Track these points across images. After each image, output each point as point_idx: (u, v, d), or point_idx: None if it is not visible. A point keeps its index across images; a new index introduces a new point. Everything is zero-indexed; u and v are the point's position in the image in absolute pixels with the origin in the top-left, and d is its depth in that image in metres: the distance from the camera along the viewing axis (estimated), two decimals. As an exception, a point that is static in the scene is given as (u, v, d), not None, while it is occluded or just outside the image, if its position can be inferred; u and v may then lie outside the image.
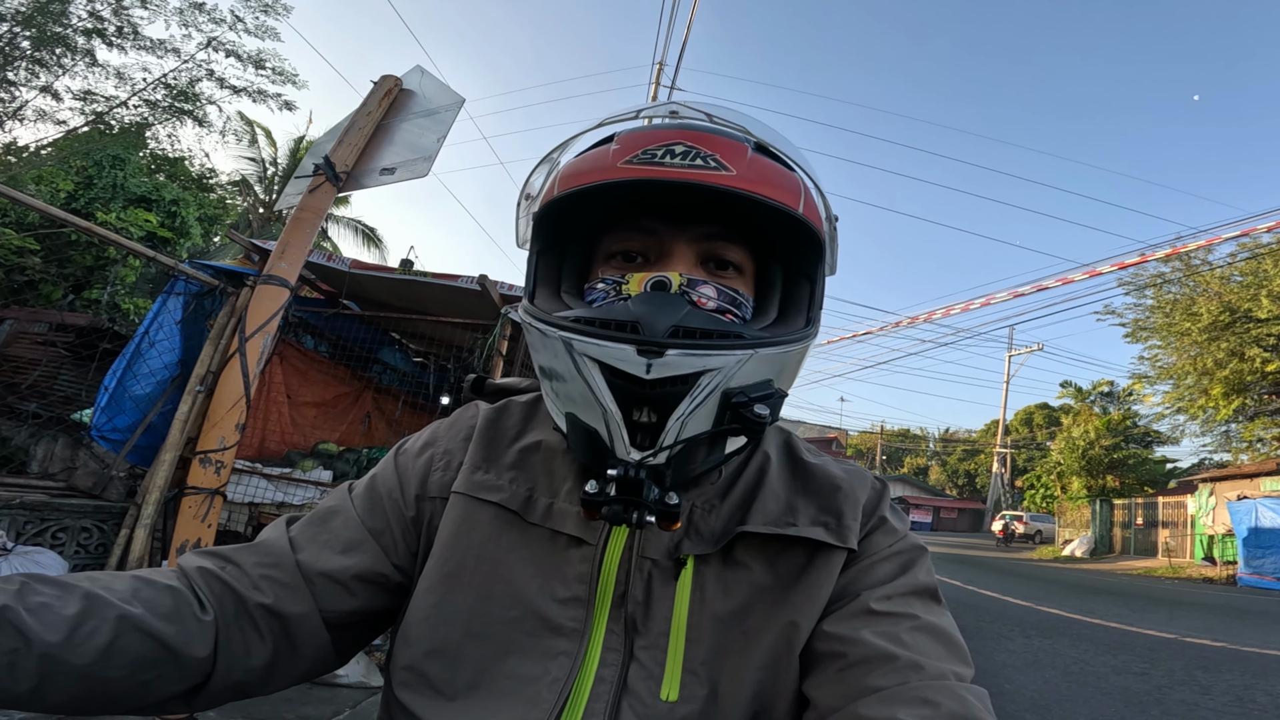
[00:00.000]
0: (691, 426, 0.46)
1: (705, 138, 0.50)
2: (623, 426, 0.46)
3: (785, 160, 0.54)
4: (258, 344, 2.14)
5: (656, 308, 0.46)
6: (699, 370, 0.45)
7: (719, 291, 0.52)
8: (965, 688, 0.43)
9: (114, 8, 8.97)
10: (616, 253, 0.55)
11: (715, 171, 0.48)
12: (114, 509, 2.99)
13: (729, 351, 0.46)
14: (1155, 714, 3.44)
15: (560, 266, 0.57)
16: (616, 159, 0.50)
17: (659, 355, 0.44)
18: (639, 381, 0.45)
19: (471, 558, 0.52)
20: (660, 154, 0.49)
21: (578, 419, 0.48)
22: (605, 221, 0.55)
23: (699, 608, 0.49)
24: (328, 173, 2.36)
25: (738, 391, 0.46)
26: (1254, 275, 14.53)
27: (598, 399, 0.46)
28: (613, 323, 0.46)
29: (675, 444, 0.46)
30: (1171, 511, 17.05)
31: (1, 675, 0.38)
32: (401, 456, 0.61)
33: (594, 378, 0.46)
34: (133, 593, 0.46)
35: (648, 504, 0.45)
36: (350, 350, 4.35)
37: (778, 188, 0.50)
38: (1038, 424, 40.46)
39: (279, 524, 0.57)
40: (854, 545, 0.52)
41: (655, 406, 0.46)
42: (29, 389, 4.12)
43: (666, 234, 0.53)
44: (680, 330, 0.45)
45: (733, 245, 0.54)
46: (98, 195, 6.84)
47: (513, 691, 0.47)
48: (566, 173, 0.53)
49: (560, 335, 0.47)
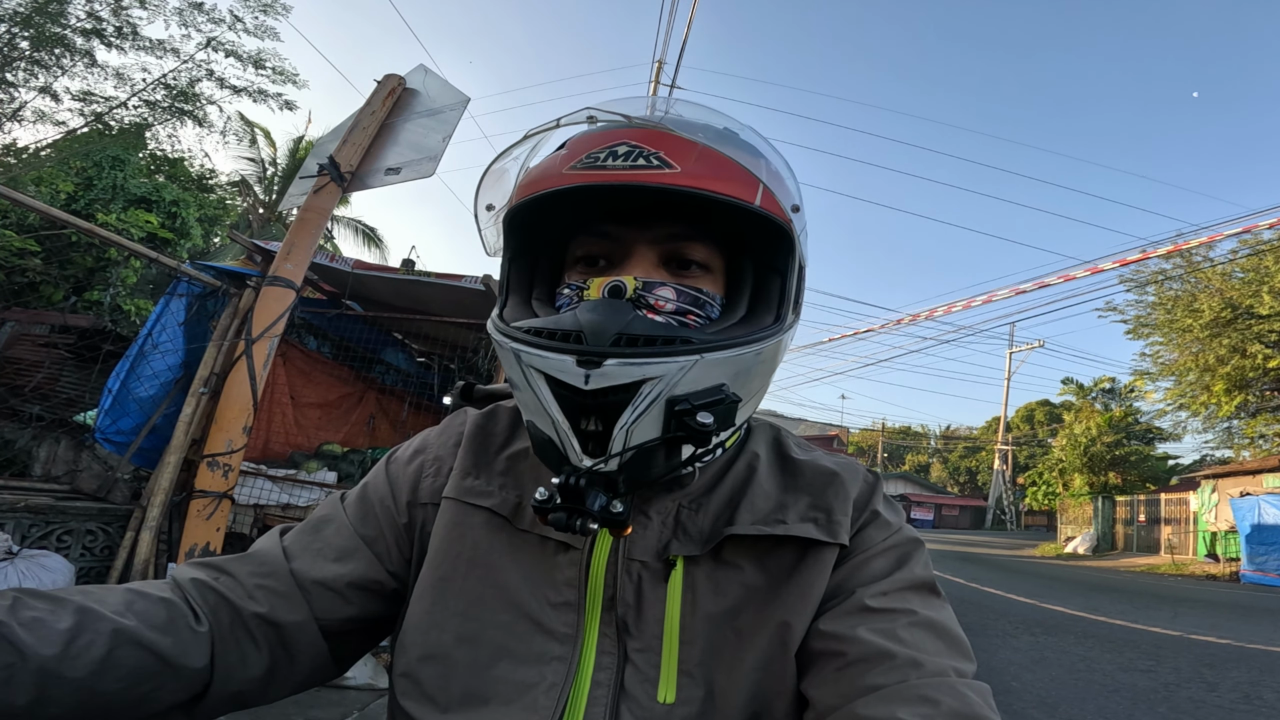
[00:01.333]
0: (638, 434, 0.45)
1: (651, 135, 0.49)
2: (572, 435, 0.46)
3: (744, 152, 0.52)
4: (264, 346, 2.12)
5: (602, 316, 0.46)
6: (639, 379, 0.44)
7: (678, 293, 0.51)
8: (966, 684, 0.42)
9: (113, 8, 8.95)
10: (581, 257, 0.55)
11: (657, 170, 0.47)
12: (119, 512, 2.98)
13: (670, 359, 0.45)
14: (1163, 711, 3.43)
15: (533, 273, 0.58)
16: (563, 164, 0.50)
17: (597, 365, 0.44)
18: (580, 392, 0.44)
19: (463, 563, 0.52)
20: (603, 156, 0.49)
21: (535, 427, 0.49)
22: (572, 225, 0.55)
23: (691, 609, 0.49)
24: (332, 173, 2.34)
25: (681, 399, 0.45)
26: (1255, 272, 14.52)
27: (545, 409, 0.46)
28: (558, 333, 0.46)
29: (624, 451, 0.45)
30: (1174, 508, 17.04)
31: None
32: (392, 464, 0.61)
33: (540, 388, 0.46)
34: (126, 605, 0.46)
35: (590, 511, 0.44)
36: (353, 351, 4.34)
37: (728, 181, 0.49)
38: (1039, 421, 40.48)
39: (272, 534, 0.58)
40: (845, 541, 0.51)
41: (600, 415, 0.46)
42: (32, 391, 4.11)
43: (627, 237, 0.52)
44: (623, 338, 0.45)
45: (697, 244, 0.53)
46: (98, 196, 6.83)
47: (510, 698, 0.47)
48: (523, 181, 0.53)
49: (511, 346, 0.48)
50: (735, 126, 0.56)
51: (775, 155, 0.56)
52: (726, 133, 0.54)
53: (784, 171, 0.55)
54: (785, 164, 0.57)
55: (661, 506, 0.53)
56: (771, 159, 0.55)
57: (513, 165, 0.57)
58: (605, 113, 0.52)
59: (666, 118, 0.53)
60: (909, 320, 19.36)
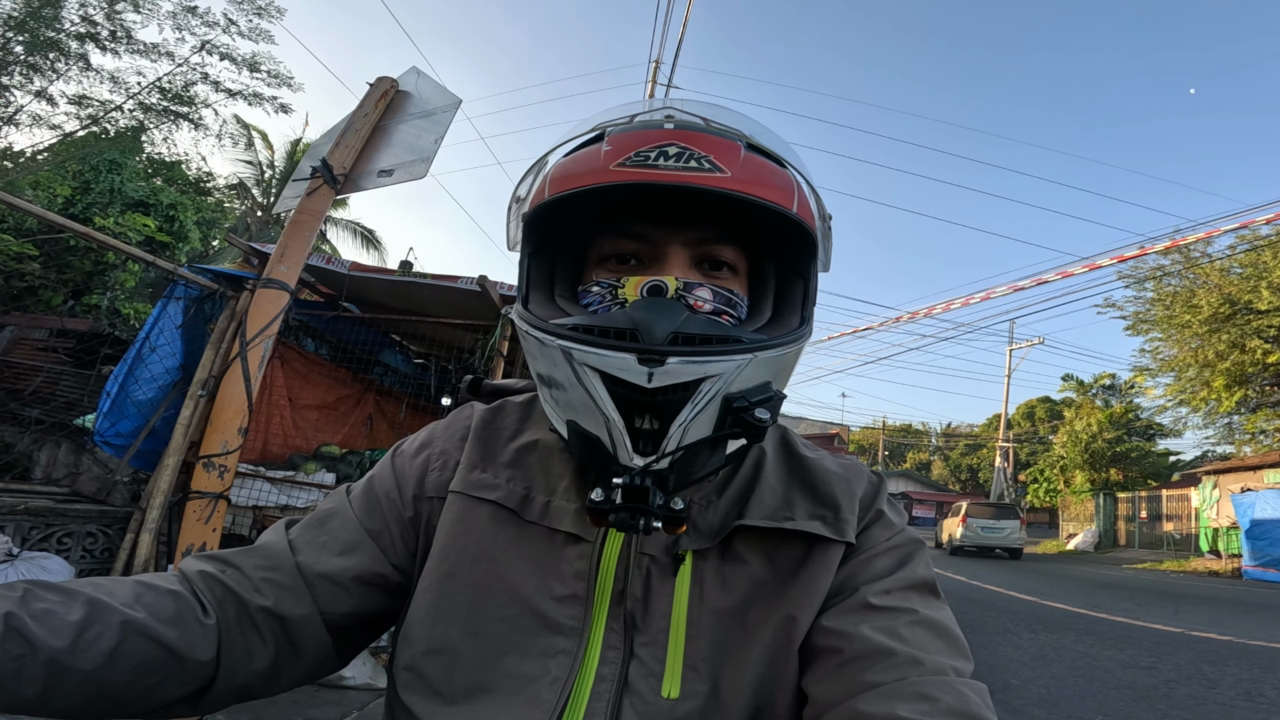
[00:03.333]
0: (694, 432, 0.46)
1: (698, 138, 0.49)
2: (625, 434, 0.46)
3: (779, 159, 0.53)
4: (259, 348, 2.13)
5: (655, 314, 0.46)
6: (700, 377, 0.45)
7: (714, 294, 0.52)
8: (964, 683, 0.43)
9: (106, 12, 8.96)
10: (610, 255, 0.54)
11: (710, 173, 0.48)
12: (119, 514, 2.99)
13: (729, 357, 0.45)
14: (1164, 708, 3.43)
15: (553, 269, 0.57)
16: (609, 161, 0.49)
17: (660, 364, 0.44)
18: (641, 390, 0.44)
19: (469, 556, 0.52)
20: (654, 156, 0.48)
21: (579, 426, 0.48)
22: (597, 223, 0.54)
23: (698, 603, 0.49)
24: (325, 175, 2.35)
25: (738, 396, 0.46)
26: (1253, 267, 14.49)
27: (600, 408, 0.46)
28: (612, 330, 0.46)
29: (678, 449, 0.46)
30: (1175, 505, 17.02)
31: (9, 681, 0.39)
32: (398, 458, 0.61)
33: (595, 387, 0.45)
34: (135, 598, 0.46)
35: (654, 510, 0.44)
36: (351, 353, 4.34)
37: (772, 188, 0.49)
38: (1040, 418, 40.43)
39: (278, 527, 0.58)
40: (852, 539, 0.52)
41: (657, 413, 0.46)
42: (31, 395, 4.12)
43: (660, 236, 0.52)
44: (680, 337, 0.45)
45: (726, 245, 0.53)
46: (95, 200, 6.85)
47: (513, 691, 0.47)
48: (557, 174, 0.52)
49: (559, 344, 0.47)
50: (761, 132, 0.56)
51: (800, 163, 0.56)
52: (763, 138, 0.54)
53: (810, 179, 0.56)
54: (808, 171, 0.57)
55: None
56: (799, 167, 0.55)
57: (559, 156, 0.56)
58: (681, 113, 0.53)
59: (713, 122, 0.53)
60: (908, 318, 19.35)
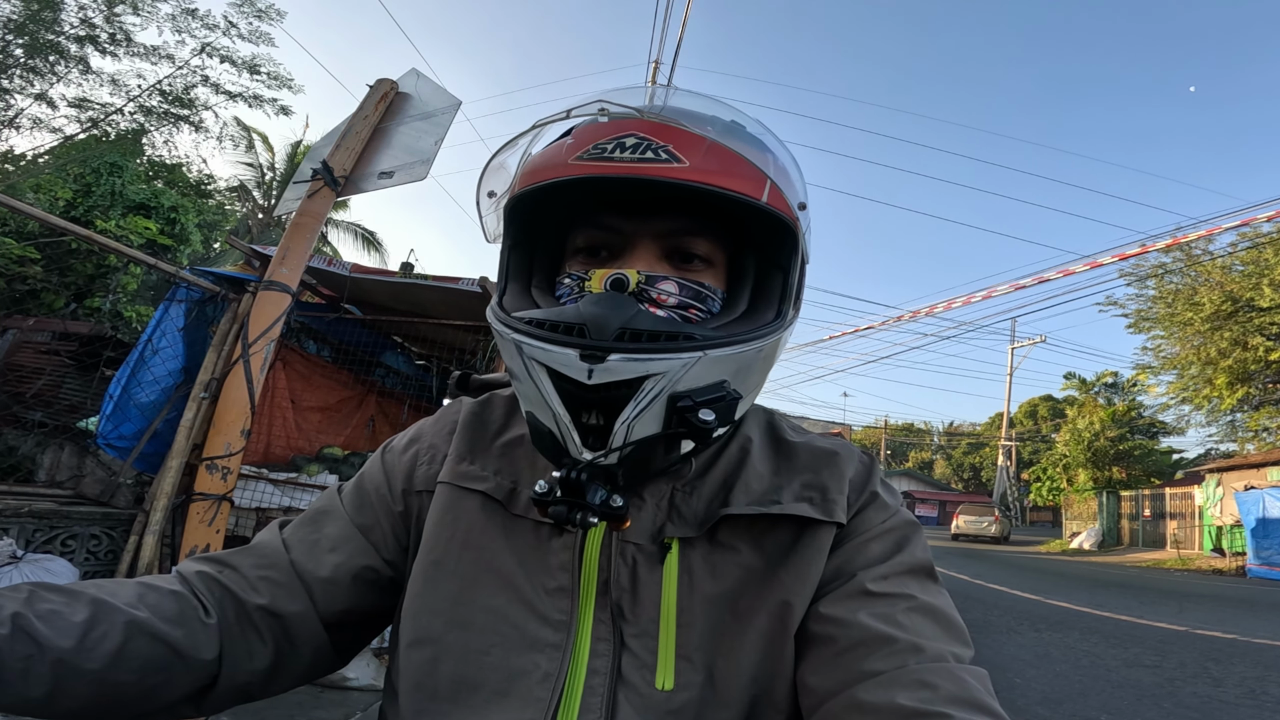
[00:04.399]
0: (639, 429, 0.45)
1: (660, 128, 0.48)
2: (573, 428, 0.45)
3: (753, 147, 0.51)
4: (261, 350, 2.13)
5: (605, 309, 0.45)
6: (642, 375, 0.44)
7: (681, 286, 0.51)
8: (964, 669, 0.42)
9: (105, 15, 8.97)
10: (582, 248, 0.54)
11: (666, 164, 0.47)
12: (122, 516, 2.99)
13: (674, 355, 0.44)
14: (1168, 707, 3.42)
15: (532, 261, 0.57)
16: (569, 154, 0.49)
17: (600, 360, 0.43)
18: (582, 385, 0.44)
19: (456, 545, 0.52)
20: (610, 148, 0.48)
21: (535, 418, 0.49)
22: (573, 215, 0.54)
23: (688, 591, 0.49)
24: (325, 177, 2.35)
25: (683, 395, 0.45)
26: (1255, 264, 14.44)
27: (547, 402, 0.46)
28: (561, 325, 0.45)
29: (624, 446, 0.45)
30: (1179, 503, 16.96)
31: (16, 681, 0.39)
32: (388, 454, 0.61)
33: (542, 381, 0.46)
34: (138, 598, 0.47)
35: (590, 505, 0.44)
36: (353, 354, 4.35)
37: (736, 177, 0.48)
38: (1042, 416, 40.37)
39: (272, 526, 0.58)
40: (842, 519, 0.51)
41: (602, 409, 0.45)
42: (34, 398, 4.13)
43: (629, 229, 0.52)
44: (627, 333, 0.45)
45: (699, 237, 0.52)
46: (96, 203, 6.85)
47: (504, 689, 0.47)
48: (526, 169, 0.52)
49: (512, 337, 0.47)
50: (742, 119, 0.55)
51: (783, 150, 0.55)
52: (734, 126, 0.53)
53: (790, 167, 0.54)
54: (792, 159, 0.56)
55: (655, 489, 0.52)
56: (779, 154, 0.54)
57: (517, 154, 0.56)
58: (617, 105, 0.51)
59: (675, 110, 0.52)
60: (909, 317, 19.34)
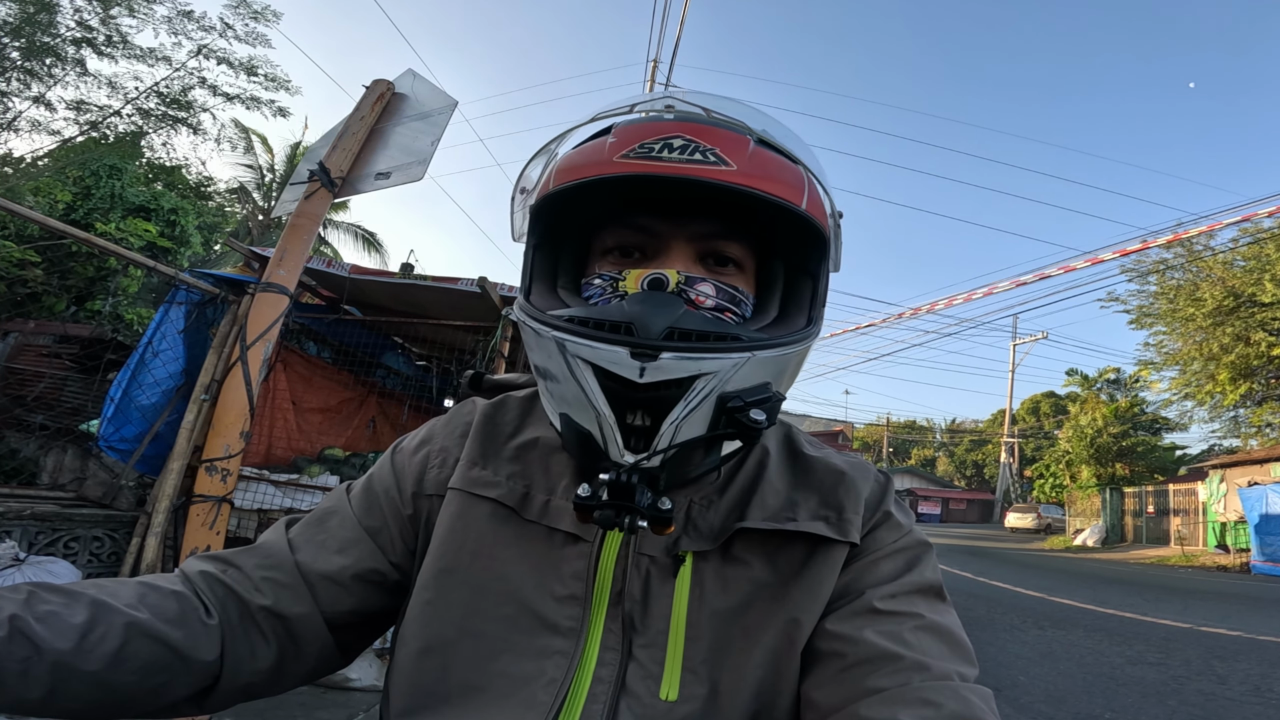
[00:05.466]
0: (686, 430, 0.45)
1: (705, 130, 0.48)
2: (616, 429, 0.45)
3: (788, 154, 0.52)
4: (259, 351, 2.13)
5: (652, 308, 0.45)
6: (694, 374, 0.44)
7: (718, 289, 0.51)
8: (969, 688, 0.42)
9: (101, 17, 8.97)
10: (613, 248, 0.53)
11: (715, 166, 0.46)
12: (124, 518, 3.00)
13: (725, 355, 0.44)
14: (1173, 704, 3.41)
15: (557, 261, 0.56)
16: (613, 153, 0.48)
17: (653, 359, 0.43)
18: (632, 385, 0.43)
19: (467, 553, 0.52)
20: (658, 148, 0.47)
21: (572, 420, 0.47)
22: (602, 215, 0.54)
23: (698, 605, 0.49)
24: (323, 179, 2.35)
25: (733, 395, 0.45)
26: (1256, 260, 14.41)
27: (591, 402, 0.45)
28: (606, 323, 0.45)
29: (669, 448, 0.45)
30: (1183, 499, 16.90)
31: (15, 683, 0.39)
32: (398, 455, 0.60)
33: (587, 380, 0.45)
34: (139, 599, 0.46)
35: (640, 509, 0.44)
36: (353, 355, 4.35)
37: (780, 183, 0.48)
38: (1045, 413, 40.30)
39: (279, 526, 0.57)
40: (856, 539, 0.51)
41: (649, 410, 0.45)
42: (36, 401, 4.14)
43: (664, 230, 0.51)
44: (676, 332, 0.44)
45: (733, 241, 0.52)
46: (96, 206, 6.86)
47: (507, 692, 0.47)
48: (562, 166, 0.51)
49: (554, 335, 0.46)
50: (773, 126, 0.54)
51: (813, 159, 0.55)
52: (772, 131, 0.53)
53: (821, 175, 0.54)
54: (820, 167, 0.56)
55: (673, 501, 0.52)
56: (810, 163, 0.54)
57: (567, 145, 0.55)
58: (683, 103, 0.51)
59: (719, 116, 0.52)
60: (911, 314, 19.32)
